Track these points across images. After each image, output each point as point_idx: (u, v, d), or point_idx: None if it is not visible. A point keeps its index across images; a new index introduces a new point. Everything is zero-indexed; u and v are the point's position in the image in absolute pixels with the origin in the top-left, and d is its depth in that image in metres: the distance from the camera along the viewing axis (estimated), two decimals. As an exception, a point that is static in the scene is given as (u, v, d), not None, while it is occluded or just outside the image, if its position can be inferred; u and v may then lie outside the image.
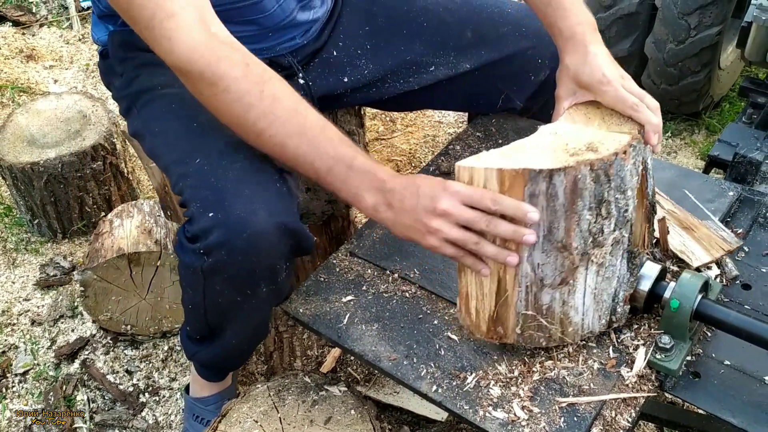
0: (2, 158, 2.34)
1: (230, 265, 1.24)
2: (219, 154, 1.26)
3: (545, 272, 1.13)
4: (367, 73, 1.60)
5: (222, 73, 1.15)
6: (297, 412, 1.44)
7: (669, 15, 2.53)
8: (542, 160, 1.07)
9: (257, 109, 1.16)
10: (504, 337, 1.22)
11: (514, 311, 1.18)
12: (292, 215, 1.25)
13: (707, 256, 1.36)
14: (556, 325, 1.19)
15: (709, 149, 2.69)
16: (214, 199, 1.21)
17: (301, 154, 1.18)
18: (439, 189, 1.12)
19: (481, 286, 1.18)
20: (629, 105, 1.19)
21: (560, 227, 1.09)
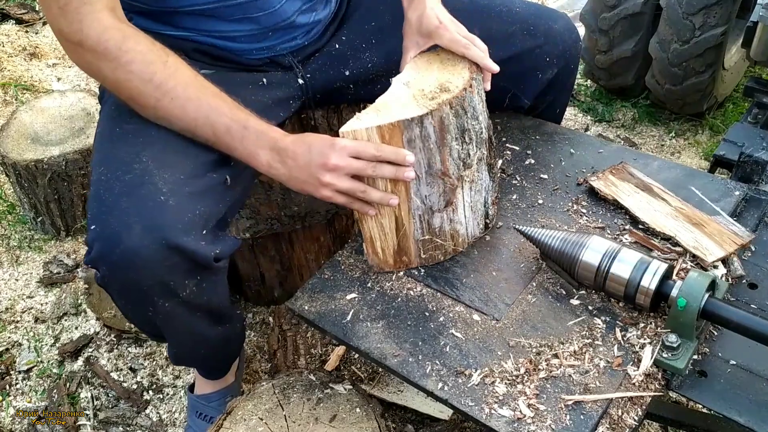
0: (6, 156, 2.34)
1: (113, 279, 1.25)
2: (118, 162, 1.27)
3: (432, 200, 1.34)
4: (370, 66, 1.60)
5: (128, 48, 1.23)
6: (302, 409, 1.44)
7: (673, 15, 2.52)
8: (410, 110, 1.25)
9: (161, 74, 1.24)
10: (409, 264, 1.41)
11: (413, 240, 1.38)
12: (174, 231, 1.20)
13: (721, 251, 1.36)
14: (448, 241, 1.40)
15: (713, 149, 2.69)
16: (97, 211, 1.23)
17: (201, 115, 1.27)
18: (328, 146, 1.25)
19: (382, 228, 1.35)
20: (462, 45, 1.35)
21: (437, 160, 1.29)
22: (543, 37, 1.60)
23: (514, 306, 1.33)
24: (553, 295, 1.35)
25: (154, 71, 1.24)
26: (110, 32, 1.22)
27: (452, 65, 1.37)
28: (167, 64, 1.26)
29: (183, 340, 1.47)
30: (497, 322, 1.31)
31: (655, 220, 1.44)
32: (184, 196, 1.25)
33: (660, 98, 2.83)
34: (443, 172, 1.31)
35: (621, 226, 1.46)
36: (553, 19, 1.62)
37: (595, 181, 1.55)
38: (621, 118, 2.98)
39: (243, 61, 1.50)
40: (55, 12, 1.21)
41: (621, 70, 2.88)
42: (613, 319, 1.29)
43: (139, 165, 1.25)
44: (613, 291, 1.29)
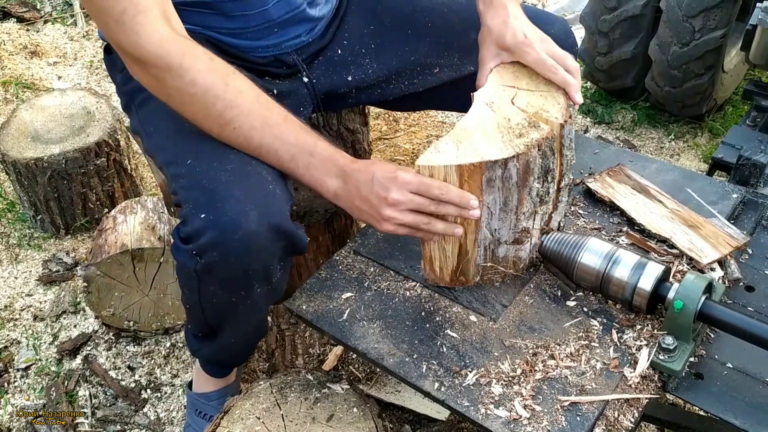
0: (6, 154, 2.35)
1: (223, 266, 1.24)
2: (210, 155, 1.27)
3: (501, 233, 1.29)
4: (371, 73, 1.60)
5: (188, 66, 1.19)
6: (299, 409, 1.44)
7: (673, 17, 2.53)
8: (494, 147, 1.19)
9: (223, 101, 1.21)
10: (466, 283, 1.37)
11: (474, 264, 1.33)
12: (284, 216, 1.25)
13: (716, 253, 1.36)
14: (510, 268, 1.36)
15: (712, 152, 2.69)
16: (206, 200, 1.22)
17: (266, 144, 1.24)
18: (390, 179, 1.20)
19: (444, 251, 1.31)
20: (548, 67, 1.28)
21: (513, 199, 1.24)
22: None
23: (511, 307, 1.34)
24: (551, 296, 1.35)
25: (216, 95, 1.21)
26: (170, 44, 1.19)
27: (544, 85, 1.29)
28: (228, 87, 1.22)
29: (244, 330, 1.49)
30: (494, 323, 1.31)
31: (651, 222, 1.44)
32: (283, 186, 1.29)
33: (659, 100, 2.84)
34: (516, 211, 1.26)
35: (617, 228, 1.47)
36: (550, 23, 1.62)
37: (592, 182, 1.55)
38: (620, 120, 2.99)
39: (249, 58, 1.50)
40: (112, 27, 1.18)
41: (621, 72, 2.89)
42: (609, 321, 1.30)
43: (234, 156, 1.26)
44: (610, 293, 1.29)
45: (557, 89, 1.28)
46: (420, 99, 1.66)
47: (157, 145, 1.38)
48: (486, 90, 1.31)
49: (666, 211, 1.47)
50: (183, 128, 1.32)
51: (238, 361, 1.69)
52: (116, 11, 1.16)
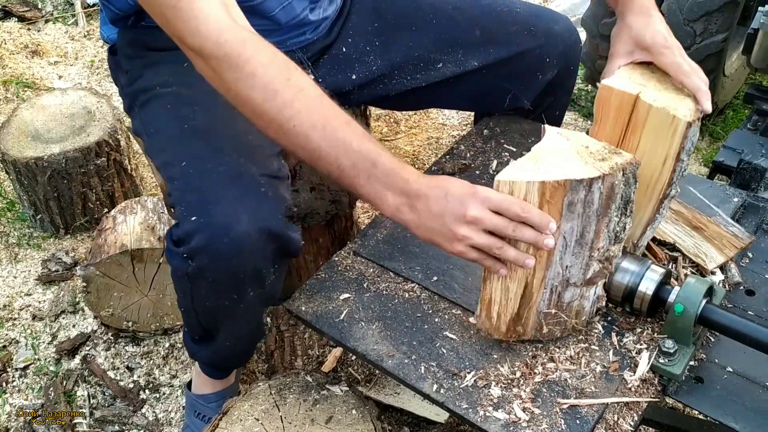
0: (6, 153, 2.34)
1: (214, 269, 1.23)
2: (204, 157, 1.26)
3: (572, 272, 1.17)
4: (375, 69, 1.60)
5: (248, 57, 1.12)
6: (298, 410, 1.44)
7: (675, 21, 2.53)
8: (577, 167, 1.09)
9: (283, 97, 1.13)
10: (523, 335, 1.25)
11: (535, 311, 1.21)
12: (276, 219, 1.24)
13: (721, 257, 1.35)
14: (572, 319, 1.24)
15: (712, 156, 2.69)
16: (198, 202, 1.21)
17: (325, 147, 1.14)
18: (468, 195, 1.10)
19: (507, 291, 1.18)
20: (684, 71, 1.22)
21: (591, 230, 1.13)
22: (543, 38, 1.60)
23: (511, 309, 1.33)
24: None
25: (276, 90, 1.12)
26: (228, 33, 1.12)
27: (673, 89, 1.23)
28: (290, 82, 1.14)
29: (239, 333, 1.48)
30: (494, 325, 1.31)
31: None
32: (277, 188, 1.27)
33: (660, 104, 2.83)
34: (591, 246, 1.16)
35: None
36: (553, 20, 1.63)
37: None
38: (621, 124, 2.98)
39: None
40: (168, 15, 1.12)
41: (622, 76, 2.88)
42: (610, 324, 1.29)
43: (229, 158, 1.24)
44: (611, 296, 1.29)
45: (686, 95, 1.22)
46: (423, 95, 1.67)
47: (156, 146, 1.38)
48: (614, 79, 1.24)
49: (668, 212, 1.46)
50: (183, 130, 1.31)
51: (236, 364, 1.69)
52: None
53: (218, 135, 1.29)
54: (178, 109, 1.36)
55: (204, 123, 1.30)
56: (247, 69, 1.12)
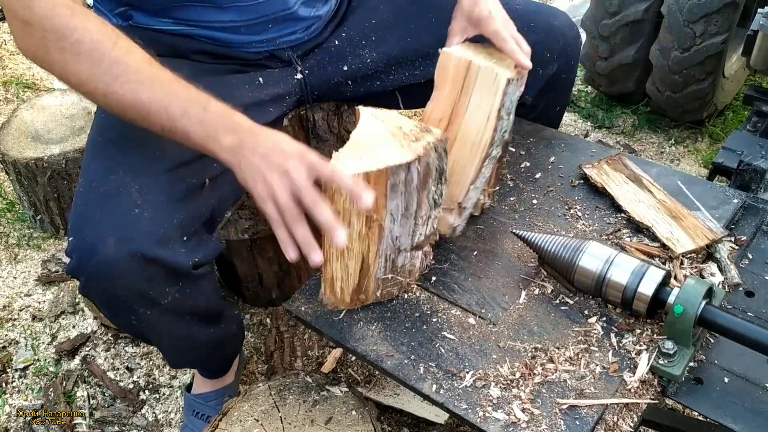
0: (6, 153, 2.34)
1: (92, 290, 1.25)
2: (96, 175, 1.26)
3: (401, 241, 1.30)
4: (369, 62, 1.60)
5: (75, 26, 1.13)
6: (298, 411, 1.44)
7: (674, 22, 2.53)
8: (395, 152, 1.18)
9: (110, 58, 1.14)
10: (365, 301, 1.35)
11: (374, 279, 1.32)
12: (149, 243, 1.21)
13: (692, 244, 1.40)
14: (406, 278, 1.36)
15: (712, 157, 2.69)
16: (75, 223, 1.23)
17: (155, 99, 1.16)
18: (296, 151, 1.13)
19: (346, 268, 1.28)
20: (502, 37, 1.35)
21: (414, 203, 1.25)
22: (543, 33, 1.61)
23: (511, 310, 1.34)
24: (551, 300, 1.35)
25: (103, 52, 1.14)
26: (59, 9, 1.13)
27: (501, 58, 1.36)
28: (117, 45, 1.16)
29: (173, 344, 1.47)
30: (494, 326, 1.31)
31: (636, 210, 1.48)
32: (161, 206, 1.24)
33: (660, 105, 2.84)
34: (415, 216, 1.27)
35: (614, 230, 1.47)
36: (553, 16, 1.63)
37: (589, 168, 1.59)
38: (621, 125, 2.99)
39: (243, 56, 1.50)
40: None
41: (621, 77, 2.89)
42: (609, 325, 1.29)
43: (115, 176, 1.24)
44: (610, 297, 1.29)
45: (510, 60, 1.35)
46: (421, 92, 1.66)
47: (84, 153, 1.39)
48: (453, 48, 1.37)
49: (653, 201, 1.50)
50: (96, 143, 1.33)
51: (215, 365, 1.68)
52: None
53: (123, 148, 1.29)
54: (107, 118, 1.36)
55: (117, 136, 1.31)
56: (73, 38, 1.13)
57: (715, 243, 1.41)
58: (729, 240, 1.46)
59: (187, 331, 1.42)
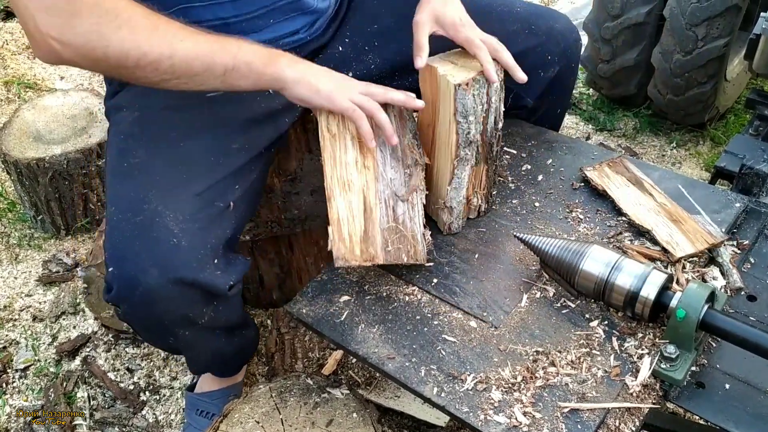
0: (8, 153, 2.34)
1: (135, 317, 1.30)
2: (128, 204, 1.28)
3: (396, 185, 1.39)
4: (373, 68, 1.60)
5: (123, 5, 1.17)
6: (299, 413, 1.44)
7: (677, 26, 2.53)
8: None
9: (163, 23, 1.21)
10: (375, 258, 1.37)
11: (378, 228, 1.37)
12: (189, 268, 1.26)
13: (691, 248, 1.40)
14: (409, 238, 1.40)
15: (713, 161, 2.69)
16: (113, 254, 1.26)
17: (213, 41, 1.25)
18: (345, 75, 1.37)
19: (350, 208, 1.36)
20: (476, 45, 1.37)
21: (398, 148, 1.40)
22: (544, 36, 1.61)
23: (512, 313, 1.33)
24: (552, 303, 1.35)
25: (154, 20, 1.20)
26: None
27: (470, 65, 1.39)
28: (161, 15, 1.22)
29: (203, 356, 1.54)
30: (495, 329, 1.31)
31: (637, 214, 1.48)
32: (195, 233, 1.28)
33: (662, 108, 2.84)
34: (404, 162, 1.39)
35: (616, 233, 1.47)
36: (554, 19, 1.64)
37: (590, 171, 1.59)
38: (622, 128, 2.99)
39: None
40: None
41: (623, 80, 2.89)
42: (611, 329, 1.29)
43: (147, 206, 1.27)
44: (612, 301, 1.29)
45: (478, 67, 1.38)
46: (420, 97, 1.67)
47: (106, 176, 1.41)
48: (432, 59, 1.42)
49: (654, 204, 1.51)
50: (122, 167, 1.34)
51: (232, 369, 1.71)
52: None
53: (149, 176, 1.32)
54: (126, 142, 1.38)
55: (141, 161, 1.34)
56: (126, 14, 1.17)
57: (715, 247, 1.41)
58: (731, 244, 1.46)
59: (217, 344, 1.49)
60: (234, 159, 1.40)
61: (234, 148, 1.41)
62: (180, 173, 1.33)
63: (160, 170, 1.32)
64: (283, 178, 1.75)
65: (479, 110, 1.37)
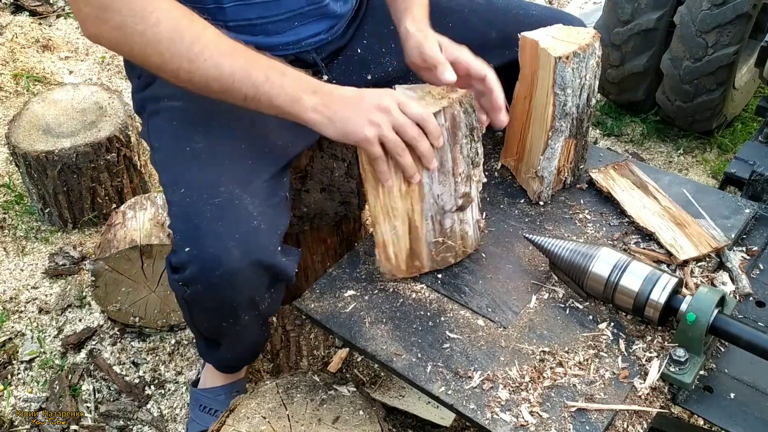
0: (17, 146, 2.35)
1: (207, 297, 1.28)
2: (201, 186, 1.28)
3: (444, 200, 1.34)
4: (391, 70, 1.61)
5: (153, 7, 1.16)
6: (305, 410, 1.44)
7: (687, 32, 2.53)
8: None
9: (190, 34, 1.18)
10: (421, 268, 1.41)
11: (425, 243, 1.38)
12: (267, 251, 1.27)
13: (695, 251, 1.41)
14: (458, 242, 1.41)
15: (720, 168, 2.69)
16: (191, 234, 1.24)
17: (238, 68, 1.20)
18: (383, 91, 1.24)
19: (396, 231, 1.35)
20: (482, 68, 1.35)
21: (449, 159, 1.30)
22: None
23: (521, 314, 1.34)
24: (561, 305, 1.35)
25: (182, 30, 1.17)
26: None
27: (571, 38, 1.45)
28: (194, 21, 1.19)
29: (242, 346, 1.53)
30: (504, 329, 1.31)
31: (641, 216, 1.49)
32: (270, 218, 1.29)
33: (670, 115, 2.84)
34: (454, 172, 1.32)
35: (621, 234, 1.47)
36: (567, 21, 1.64)
37: (595, 173, 1.60)
38: (630, 133, 2.99)
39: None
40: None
41: (632, 85, 2.89)
42: (619, 331, 1.29)
43: (224, 188, 1.26)
44: (621, 303, 1.29)
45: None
46: None
47: (159, 162, 1.40)
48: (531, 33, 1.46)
49: (658, 207, 1.52)
50: (184, 153, 1.33)
51: (245, 363, 1.72)
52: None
53: (216, 160, 1.31)
54: (182, 128, 1.37)
55: (204, 146, 1.33)
56: (152, 19, 1.15)
57: (718, 251, 1.42)
58: (740, 250, 1.46)
59: (257, 334, 1.49)
60: (282, 154, 1.41)
61: (279, 144, 1.41)
62: (245, 160, 1.33)
63: (226, 155, 1.32)
64: (293, 175, 1.75)
65: (576, 84, 1.42)
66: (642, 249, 1.44)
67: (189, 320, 1.47)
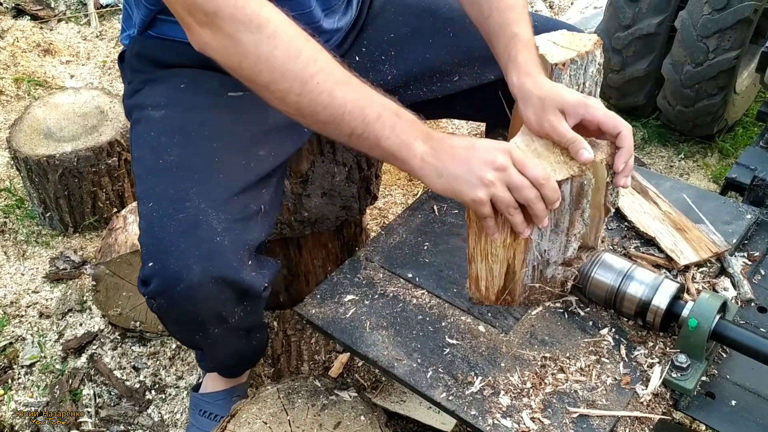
0: (18, 150, 2.35)
1: (172, 311, 1.28)
2: (168, 201, 1.26)
3: (551, 254, 1.28)
4: (390, 79, 1.60)
5: (268, 17, 1.08)
6: (306, 415, 1.44)
7: (688, 37, 2.53)
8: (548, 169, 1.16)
9: (306, 53, 1.10)
10: (511, 303, 1.37)
11: (521, 284, 1.33)
12: (230, 268, 1.24)
13: (695, 256, 1.41)
14: (557, 288, 1.36)
15: (721, 173, 2.69)
16: (154, 249, 1.24)
17: (351, 99, 1.12)
18: (497, 147, 1.13)
19: (491, 271, 1.30)
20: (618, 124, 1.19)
21: (566, 221, 1.23)
22: None
23: (522, 320, 1.34)
24: (563, 310, 1.35)
25: (299, 47, 1.09)
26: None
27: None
28: (310, 42, 1.11)
29: (223, 355, 1.53)
30: (506, 335, 1.31)
31: (641, 221, 1.49)
32: (236, 233, 1.27)
33: (671, 119, 2.84)
34: (567, 233, 1.25)
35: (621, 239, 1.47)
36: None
37: None
38: (631, 138, 2.98)
39: None
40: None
41: (633, 90, 2.89)
42: (621, 337, 1.29)
43: (190, 203, 1.25)
44: (623, 309, 1.29)
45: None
46: (438, 106, 1.67)
47: (136, 173, 1.38)
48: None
49: (658, 212, 1.52)
50: (157, 165, 1.32)
51: (237, 370, 1.71)
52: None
53: (187, 173, 1.30)
54: (159, 139, 1.36)
55: (177, 159, 1.31)
56: (269, 29, 1.08)
57: (718, 256, 1.42)
58: (742, 255, 1.46)
59: (239, 345, 1.48)
60: (261, 165, 1.38)
61: (261, 154, 1.39)
62: (217, 173, 1.30)
63: (197, 169, 1.30)
64: (295, 180, 1.75)
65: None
66: (642, 254, 1.44)
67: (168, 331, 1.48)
